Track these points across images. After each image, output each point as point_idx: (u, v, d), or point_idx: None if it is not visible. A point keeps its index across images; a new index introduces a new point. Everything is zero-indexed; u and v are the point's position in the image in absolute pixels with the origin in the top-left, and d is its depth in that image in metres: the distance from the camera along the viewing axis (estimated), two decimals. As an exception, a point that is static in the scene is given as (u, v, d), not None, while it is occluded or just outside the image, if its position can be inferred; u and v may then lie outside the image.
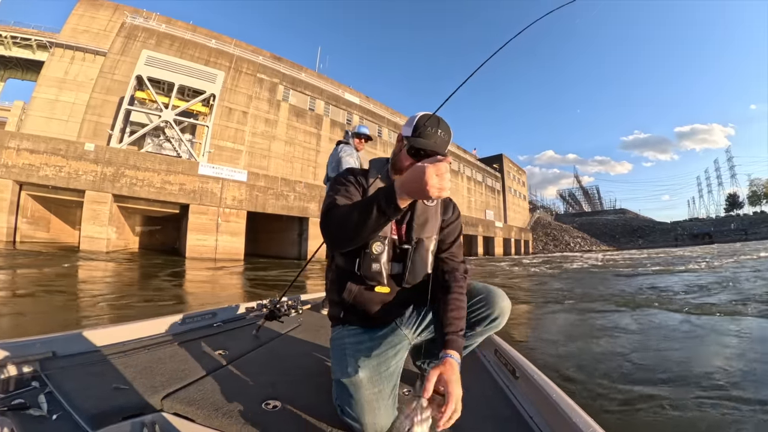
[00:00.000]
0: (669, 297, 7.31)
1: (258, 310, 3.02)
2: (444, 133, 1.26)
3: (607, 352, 3.77)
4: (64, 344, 1.72)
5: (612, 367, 3.27)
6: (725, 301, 6.53)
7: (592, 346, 4.00)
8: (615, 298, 7.28)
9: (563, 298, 7.70)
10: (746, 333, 4.40)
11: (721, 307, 5.97)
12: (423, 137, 1.24)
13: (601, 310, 6.17)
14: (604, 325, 5.01)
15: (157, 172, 18.52)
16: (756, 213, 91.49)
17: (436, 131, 1.25)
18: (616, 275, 13.02)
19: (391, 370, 1.29)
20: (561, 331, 4.92)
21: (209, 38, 27.41)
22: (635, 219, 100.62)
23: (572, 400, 1.27)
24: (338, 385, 1.26)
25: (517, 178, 67.00)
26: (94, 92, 22.86)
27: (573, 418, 1.14)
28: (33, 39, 26.41)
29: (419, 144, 1.24)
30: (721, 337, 4.25)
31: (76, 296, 6.63)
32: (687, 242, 68.50)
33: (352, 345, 1.35)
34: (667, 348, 3.85)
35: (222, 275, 11.67)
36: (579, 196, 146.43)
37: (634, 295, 7.80)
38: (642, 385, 2.83)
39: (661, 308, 6.08)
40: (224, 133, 25.35)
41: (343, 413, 1.25)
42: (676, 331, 4.60)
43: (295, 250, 23.63)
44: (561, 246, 68.82)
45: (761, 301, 6.34)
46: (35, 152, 16.40)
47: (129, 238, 20.92)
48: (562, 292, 8.68)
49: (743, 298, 6.79)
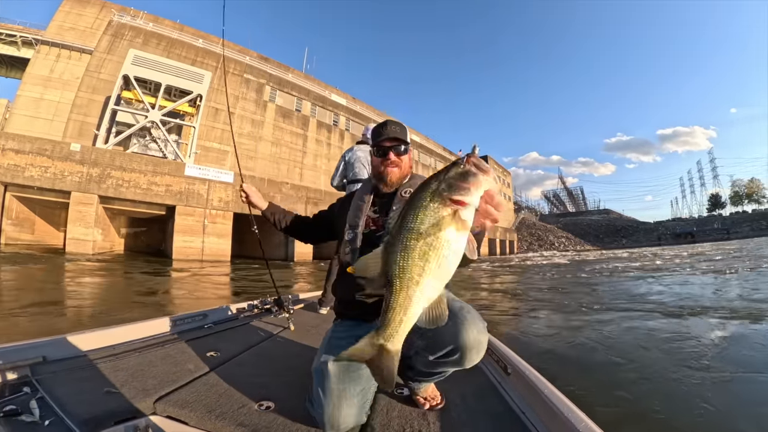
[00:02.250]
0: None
1: (249, 311, 3.07)
2: (393, 126, 1.52)
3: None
4: (55, 348, 1.72)
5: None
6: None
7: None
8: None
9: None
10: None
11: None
12: (379, 137, 1.52)
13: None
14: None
15: (144, 173, 18.64)
16: (737, 213, 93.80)
17: (386, 128, 1.51)
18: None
19: (362, 373, 1.24)
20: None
21: (196, 37, 27.35)
22: (619, 219, 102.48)
23: (564, 395, 1.29)
24: (312, 376, 1.29)
25: (502, 179, 67.70)
26: (80, 91, 22.74)
27: (566, 414, 1.15)
28: (18, 36, 26.03)
29: (376, 142, 1.53)
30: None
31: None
32: (670, 241, 69.75)
33: (335, 339, 1.40)
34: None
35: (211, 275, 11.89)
36: (563, 196, 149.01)
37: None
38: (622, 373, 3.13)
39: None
40: (210, 133, 25.42)
41: (310, 403, 1.28)
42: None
43: (282, 251, 23.97)
44: (546, 246, 69.84)
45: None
46: (21, 152, 16.37)
47: (114, 240, 20.91)
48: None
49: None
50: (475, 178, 0.74)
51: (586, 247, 71.13)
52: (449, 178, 0.75)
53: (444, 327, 1.14)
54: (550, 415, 1.23)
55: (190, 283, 10.18)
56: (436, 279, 0.74)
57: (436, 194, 0.74)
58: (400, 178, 1.54)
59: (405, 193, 1.49)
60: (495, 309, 6.64)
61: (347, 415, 1.17)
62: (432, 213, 0.73)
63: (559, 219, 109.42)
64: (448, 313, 1.18)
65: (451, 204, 0.73)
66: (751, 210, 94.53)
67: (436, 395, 1.51)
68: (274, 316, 3.02)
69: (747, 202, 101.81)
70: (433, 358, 1.24)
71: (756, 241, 43.98)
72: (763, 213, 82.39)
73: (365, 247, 1.43)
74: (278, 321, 2.89)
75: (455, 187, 0.73)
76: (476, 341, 1.17)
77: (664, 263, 17.14)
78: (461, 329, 1.16)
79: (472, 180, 0.73)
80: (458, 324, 1.17)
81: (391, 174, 1.51)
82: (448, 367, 1.27)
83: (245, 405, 1.37)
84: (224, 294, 8.78)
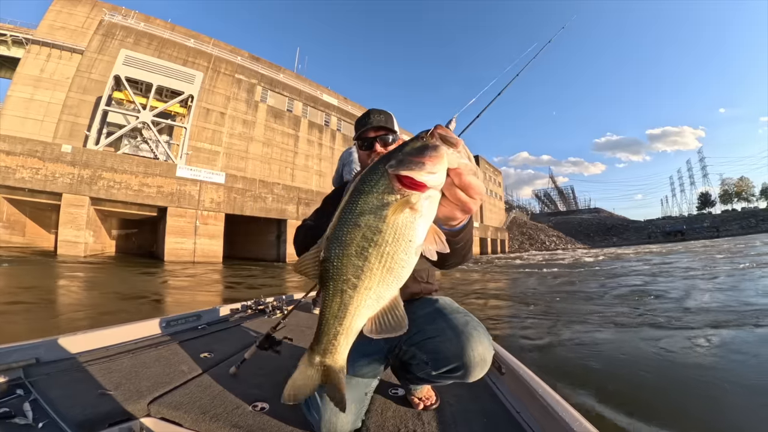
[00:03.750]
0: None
1: (242, 312, 3.05)
2: (377, 115, 1.41)
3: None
4: (47, 350, 1.72)
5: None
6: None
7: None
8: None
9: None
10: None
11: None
12: (361, 127, 1.43)
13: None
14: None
15: (135, 175, 18.70)
16: (727, 211, 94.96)
17: (369, 118, 1.41)
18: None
19: (359, 380, 1.23)
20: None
21: (188, 37, 27.34)
22: (609, 218, 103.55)
23: (558, 394, 1.30)
24: None
25: (493, 178, 68.13)
26: (71, 92, 22.69)
27: (559, 413, 1.15)
28: (9, 35, 25.86)
29: (359, 133, 1.43)
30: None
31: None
32: (660, 239, 70.40)
33: None
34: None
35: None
36: (554, 195, 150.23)
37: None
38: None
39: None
40: (201, 134, 25.47)
41: (306, 407, 1.24)
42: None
43: (274, 252, 24.14)
44: (537, 245, 70.44)
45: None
46: (11, 154, 16.36)
47: (106, 242, 20.95)
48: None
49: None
50: (435, 151, 0.58)
51: (576, 246, 71.78)
52: (403, 152, 0.60)
53: (449, 342, 1.12)
54: (545, 414, 1.23)
55: (183, 284, 10.32)
56: (381, 282, 0.60)
57: (384, 175, 0.59)
58: None
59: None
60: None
61: (344, 423, 1.16)
62: (375, 198, 0.59)
63: (550, 218, 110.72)
64: (455, 326, 1.15)
65: (401, 186, 0.57)
66: (740, 208, 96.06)
67: (431, 395, 1.52)
68: (268, 317, 3.02)
69: (736, 200, 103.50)
70: (436, 373, 1.19)
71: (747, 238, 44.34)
72: (752, 211, 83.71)
73: None
74: (272, 321, 2.77)
75: (406, 163, 0.58)
76: (482, 359, 1.11)
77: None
78: (467, 346, 1.10)
79: (431, 154, 0.58)
80: (464, 341, 1.11)
81: None
82: (450, 381, 1.22)
83: (239, 406, 1.37)
84: (218, 295, 8.89)
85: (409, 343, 1.26)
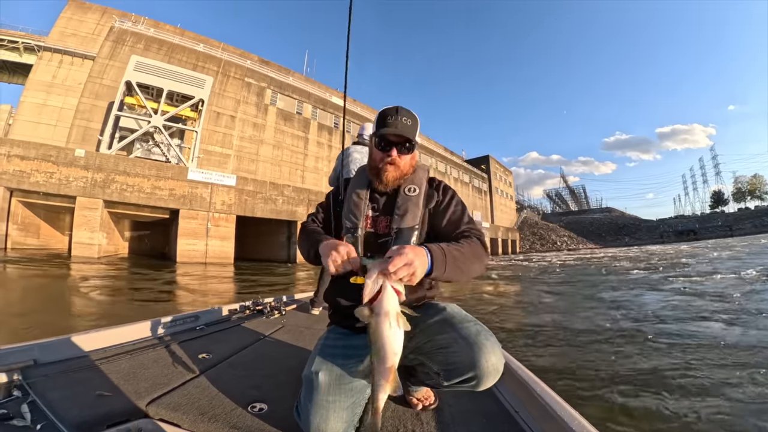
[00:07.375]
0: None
1: (241, 312, 3.03)
2: (405, 118, 1.31)
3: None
4: (46, 351, 1.71)
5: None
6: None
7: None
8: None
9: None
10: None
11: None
12: (385, 126, 1.32)
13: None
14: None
15: (147, 178, 18.79)
16: (740, 209, 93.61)
17: (396, 118, 1.30)
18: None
19: (354, 385, 1.19)
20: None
21: (197, 42, 27.61)
22: (621, 217, 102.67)
23: (557, 394, 1.29)
24: (302, 383, 1.24)
25: (504, 178, 67.83)
26: (83, 97, 22.94)
27: (559, 413, 1.15)
28: (20, 42, 26.23)
29: (381, 132, 1.33)
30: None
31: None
32: (672, 239, 69.59)
33: (328, 347, 1.33)
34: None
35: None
36: (566, 195, 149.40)
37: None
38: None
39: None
40: (212, 137, 25.60)
41: (297, 412, 1.22)
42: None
43: (285, 253, 24.11)
44: (548, 245, 69.82)
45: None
46: (26, 158, 16.56)
47: (119, 244, 21.09)
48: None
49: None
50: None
51: (589, 246, 71.08)
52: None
53: (462, 353, 1.11)
54: (544, 414, 1.23)
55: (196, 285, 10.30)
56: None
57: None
58: (397, 178, 1.38)
59: (408, 191, 1.39)
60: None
61: (336, 429, 1.12)
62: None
63: (561, 218, 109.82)
64: (466, 336, 1.14)
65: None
66: (753, 207, 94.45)
67: (430, 395, 1.50)
68: (267, 317, 3.02)
69: (750, 198, 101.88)
70: (447, 384, 1.16)
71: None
72: (766, 210, 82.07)
73: (366, 251, 1.33)
74: (270, 322, 2.88)
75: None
76: (495, 369, 1.09)
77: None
78: (481, 357, 1.08)
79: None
80: (477, 351, 1.09)
81: (388, 172, 1.36)
82: (459, 389, 1.18)
83: (238, 407, 1.38)
84: (230, 294, 8.87)
85: (418, 352, 1.24)
